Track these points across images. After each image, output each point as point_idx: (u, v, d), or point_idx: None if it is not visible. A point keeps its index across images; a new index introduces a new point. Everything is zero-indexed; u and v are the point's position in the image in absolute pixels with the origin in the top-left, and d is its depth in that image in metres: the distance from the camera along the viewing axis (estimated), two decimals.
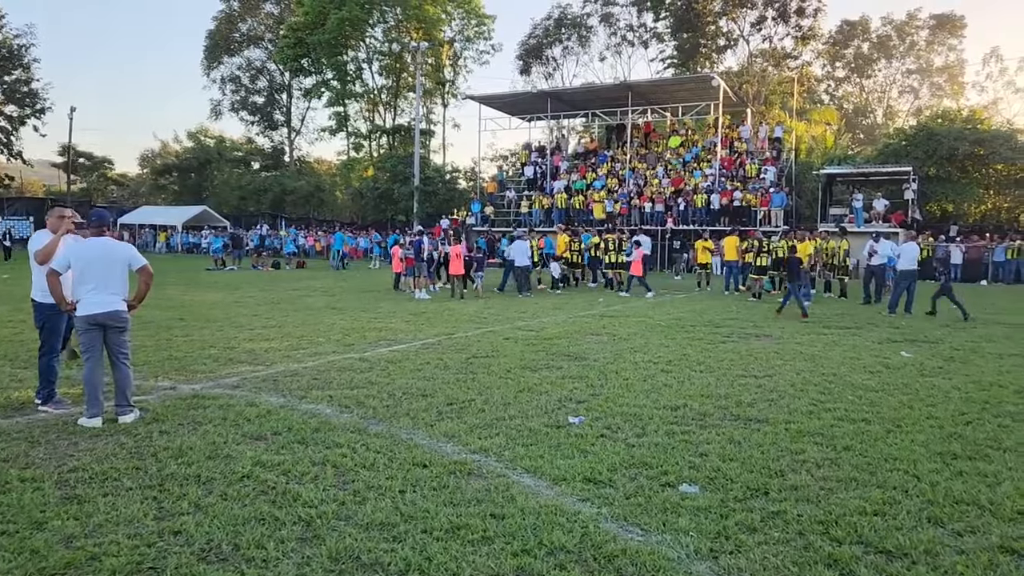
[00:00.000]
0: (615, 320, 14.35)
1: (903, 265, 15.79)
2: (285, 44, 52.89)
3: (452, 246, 20.01)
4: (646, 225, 33.43)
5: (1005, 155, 31.80)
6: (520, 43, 57.17)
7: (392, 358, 9.84)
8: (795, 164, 36.48)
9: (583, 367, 9.30)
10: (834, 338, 12.15)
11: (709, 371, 9.12)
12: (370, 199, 50.13)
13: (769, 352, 10.53)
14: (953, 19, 71.33)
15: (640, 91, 38.21)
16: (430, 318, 14.38)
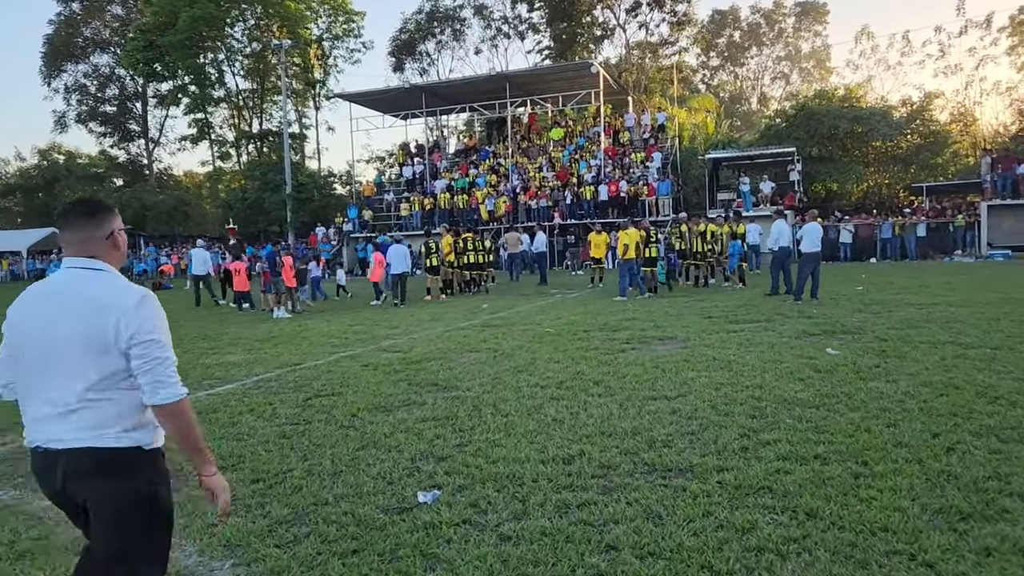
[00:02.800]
0: (498, 330, 12.39)
1: (806, 247, 14.53)
2: (133, 47, 48.49)
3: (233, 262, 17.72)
4: (531, 221, 31.81)
5: (883, 132, 31.85)
6: (391, 39, 54.68)
7: (207, 405, 7.54)
8: (679, 151, 35.67)
9: (452, 401, 7.28)
10: (746, 336, 10.58)
11: (609, 394, 7.26)
12: (239, 210, 46.55)
13: (678, 361, 8.78)
14: (817, 6, 73.76)
15: (518, 82, 36.59)
16: (280, 343, 12.04)
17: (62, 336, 2.50)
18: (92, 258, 2.62)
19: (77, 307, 2.52)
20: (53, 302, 2.57)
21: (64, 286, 2.59)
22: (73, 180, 56.27)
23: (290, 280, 17.32)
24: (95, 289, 2.55)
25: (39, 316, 2.57)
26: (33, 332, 2.56)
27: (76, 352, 2.48)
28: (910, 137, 33.44)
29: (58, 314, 2.53)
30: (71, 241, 2.64)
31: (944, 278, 18.85)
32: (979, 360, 8.08)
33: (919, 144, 33.37)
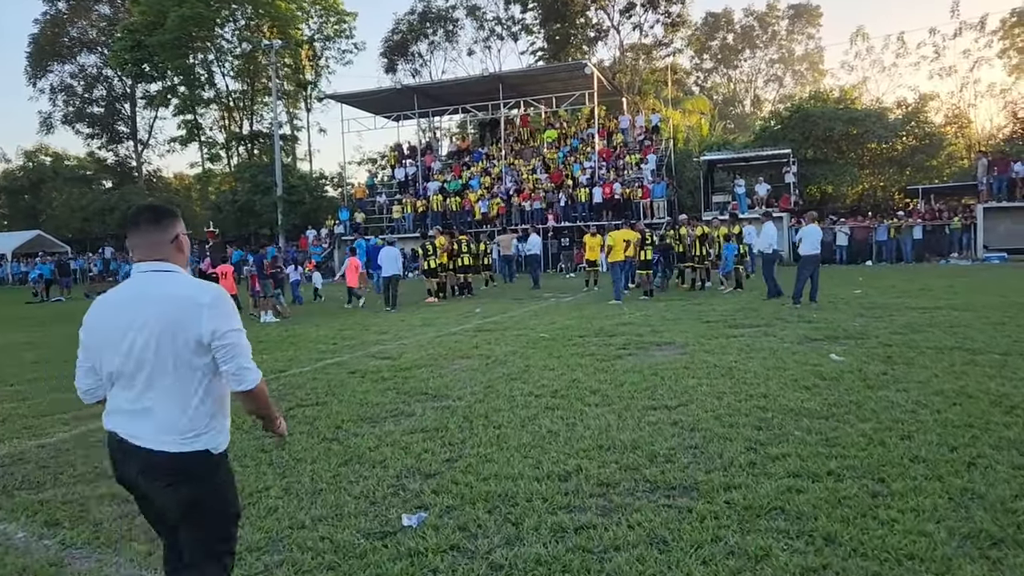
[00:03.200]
0: (491, 335, 12.05)
1: (806, 250, 14.23)
2: (121, 47, 47.90)
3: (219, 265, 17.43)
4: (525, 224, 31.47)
5: (879, 133, 31.61)
6: (383, 40, 54.24)
7: None
8: (674, 153, 35.40)
9: (442, 411, 6.93)
10: (746, 341, 10.26)
11: (607, 403, 6.93)
12: (230, 212, 46.08)
13: (677, 368, 8.45)
14: (810, 9, 73.61)
15: (511, 83, 36.25)
16: (266, 349, 11.66)
17: (145, 336, 2.62)
18: (161, 260, 2.76)
19: (157, 307, 2.64)
20: (133, 304, 2.68)
21: (141, 288, 2.71)
22: (60, 182, 55.63)
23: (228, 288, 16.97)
24: (173, 288, 2.69)
25: (120, 319, 2.67)
26: (115, 334, 2.67)
27: (161, 349, 2.61)
28: (905, 139, 33.22)
29: (139, 315, 2.64)
30: (140, 245, 2.76)
31: (943, 281, 18.60)
32: (989, 367, 7.78)
33: (914, 146, 33.17)
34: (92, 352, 2.79)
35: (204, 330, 2.63)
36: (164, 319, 2.62)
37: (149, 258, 2.75)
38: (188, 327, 2.62)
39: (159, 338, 2.61)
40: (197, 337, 2.63)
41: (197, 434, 2.66)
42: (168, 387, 2.63)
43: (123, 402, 2.70)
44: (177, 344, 2.62)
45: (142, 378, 2.64)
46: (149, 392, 2.64)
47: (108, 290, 2.86)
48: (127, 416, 2.68)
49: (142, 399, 2.65)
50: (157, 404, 2.64)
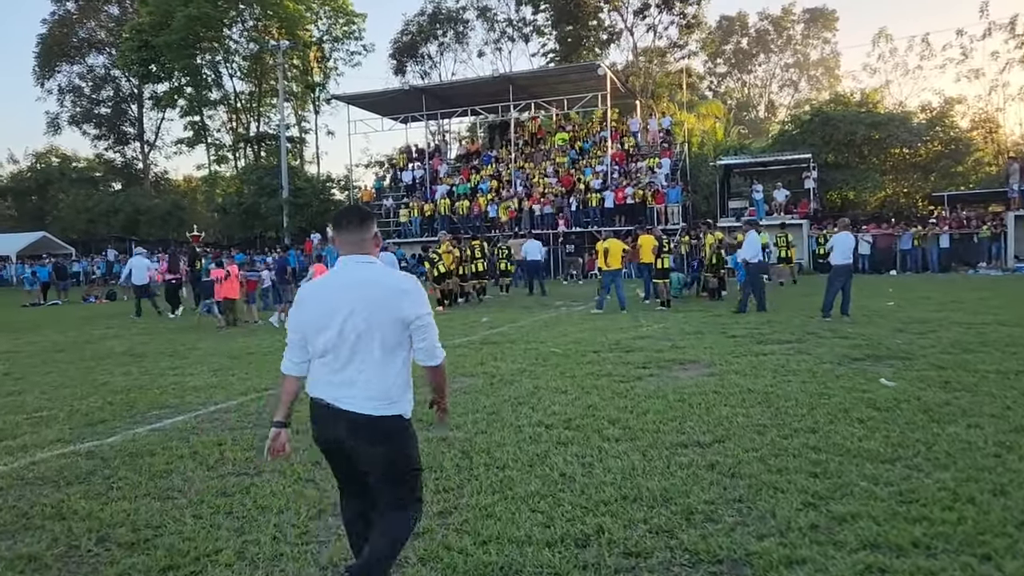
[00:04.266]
0: (497, 349, 11.10)
1: (837, 259, 13.22)
2: (128, 47, 47.25)
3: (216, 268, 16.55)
4: (536, 229, 30.54)
5: (903, 138, 30.54)
6: (392, 41, 53.43)
7: (143, 445, 6.26)
8: (689, 158, 34.41)
9: (438, 444, 5.99)
10: (779, 360, 9.27)
11: (629, 437, 5.97)
12: (235, 215, 45.33)
13: (706, 392, 7.48)
14: (826, 13, 72.49)
15: (522, 84, 35.33)
16: (253, 363, 10.75)
17: (359, 315, 3.02)
18: (365, 254, 3.19)
19: (366, 292, 3.06)
20: (344, 290, 3.10)
21: (350, 276, 3.14)
22: (67, 183, 55.05)
23: (233, 291, 16.13)
24: (377, 277, 3.13)
25: (333, 302, 3.09)
26: (327, 315, 3.07)
27: (370, 327, 3.02)
28: (930, 144, 32.07)
29: (350, 299, 3.05)
30: (349, 241, 3.20)
31: (978, 293, 17.56)
32: None
33: (939, 151, 32.03)
34: (305, 330, 3.17)
35: (406, 313, 3.05)
36: (373, 303, 3.04)
37: (355, 252, 3.19)
38: (392, 310, 3.05)
39: (368, 319, 3.02)
40: (400, 318, 3.05)
41: (392, 401, 3.08)
42: (373, 361, 3.04)
43: (332, 373, 3.10)
44: (383, 324, 3.03)
45: (351, 352, 3.04)
46: (357, 364, 3.05)
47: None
48: (336, 385, 3.09)
49: (350, 370, 3.05)
50: (363, 375, 3.04)
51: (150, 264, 21.27)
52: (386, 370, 3.07)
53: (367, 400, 3.04)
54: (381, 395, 3.06)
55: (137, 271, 19.91)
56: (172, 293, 19.83)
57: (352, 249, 3.20)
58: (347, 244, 3.21)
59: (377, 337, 3.04)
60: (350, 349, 3.05)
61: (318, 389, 3.17)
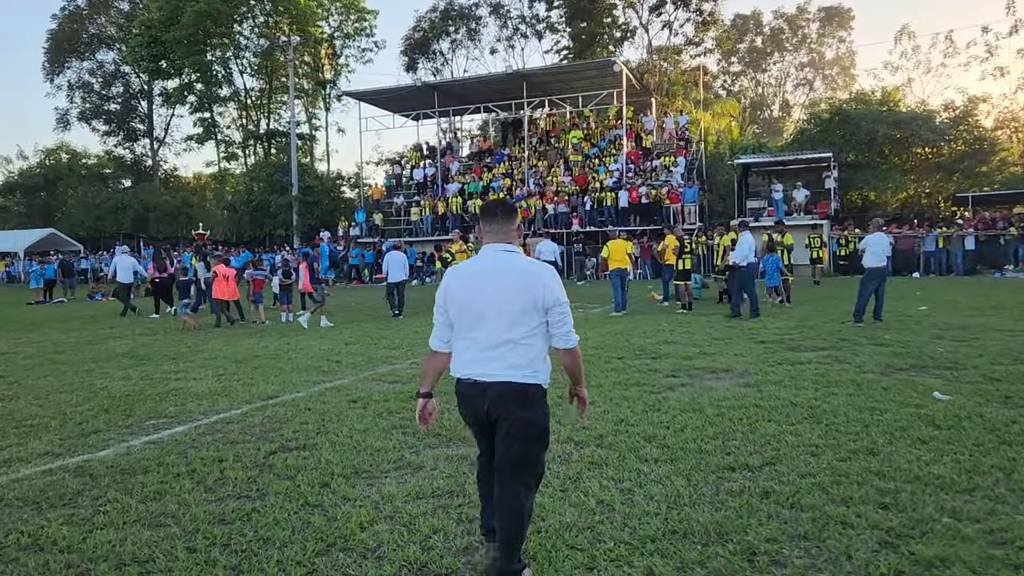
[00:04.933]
0: None
1: (871, 261, 12.62)
2: (137, 43, 46.93)
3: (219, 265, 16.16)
4: (549, 228, 29.99)
5: (926, 137, 29.80)
6: (404, 37, 52.89)
7: (137, 462, 5.74)
8: (704, 157, 33.77)
9: (459, 464, 5.46)
10: (817, 368, 8.70)
11: (669, 458, 5.42)
12: (244, 212, 44.95)
13: (746, 405, 6.92)
14: (841, 11, 71.54)
15: (536, 81, 34.78)
16: (259, 367, 10.24)
17: (502, 298, 3.35)
18: (509, 243, 3.53)
19: (512, 278, 3.39)
20: (491, 276, 3.42)
21: (496, 263, 3.45)
22: (76, 180, 54.78)
23: (223, 292, 15.74)
24: (521, 264, 3.46)
25: (480, 285, 3.42)
26: (475, 296, 3.40)
27: (512, 309, 3.34)
28: (953, 143, 31.31)
29: (497, 284, 3.38)
30: (495, 231, 3.54)
31: (1014, 297, 16.91)
32: None
33: (963, 151, 31.26)
34: (452, 311, 3.46)
35: (546, 297, 3.33)
36: (517, 287, 3.33)
37: (500, 241, 3.49)
38: (534, 294, 3.32)
39: (512, 301, 3.32)
40: (540, 302, 3.32)
41: (535, 371, 3.35)
42: (517, 338, 3.31)
43: (478, 351, 3.36)
44: (526, 306, 3.31)
45: (498, 330, 3.32)
46: (503, 341, 3.31)
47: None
48: (481, 361, 3.34)
49: (497, 347, 3.32)
50: (508, 350, 3.31)
51: (135, 263, 20.88)
52: (528, 346, 3.35)
53: (512, 370, 3.31)
54: (524, 365, 3.33)
55: (122, 270, 19.54)
56: (160, 292, 19.39)
57: (497, 238, 3.52)
58: (493, 233, 3.53)
59: (520, 318, 3.32)
60: (497, 328, 3.33)
61: (465, 369, 3.43)
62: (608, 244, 17.18)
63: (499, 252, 3.48)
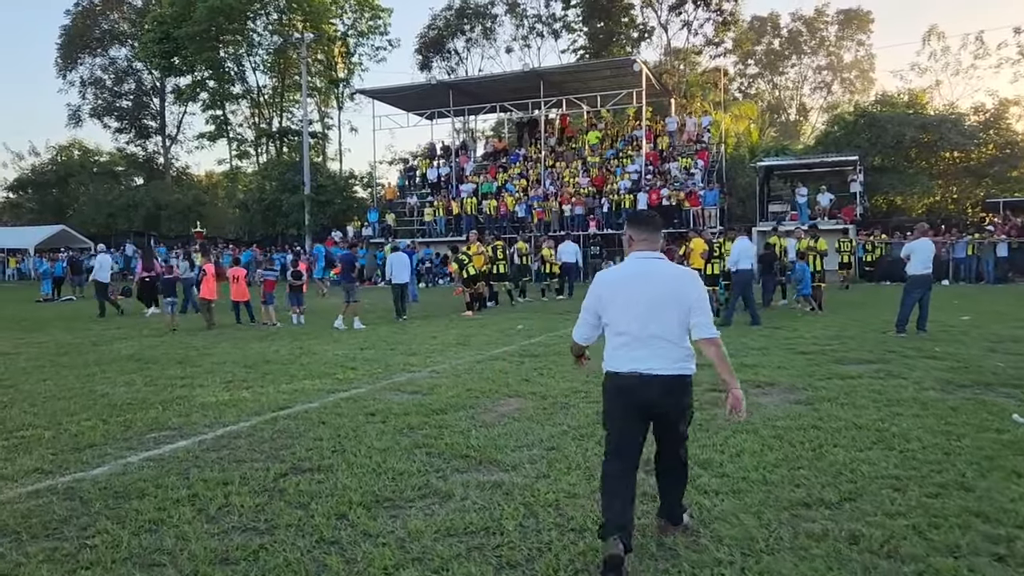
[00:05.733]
0: (540, 363, 9.93)
1: (916, 268, 11.92)
2: (150, 39, 46.56)
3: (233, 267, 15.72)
4: (566, 230, 29.37)
5: (954, 140, 28.97)
6: (419, 35, 52.34)
7: (133, 483, 5.16)
8: (724, 159, 33.05)
9: (492, 493, 4.86)
10: (871, 384, 8.04)
11: (732, 490, 4.80)
12: (256, 211, 44.47)
13: (805, 427, 6.27)
14: (860, 14, 70.51)
15: (553, 80, 34.12)
16: (270, 373, 9.65)
17: (658, 300, 3.79)
18: (656, 251, 3.97)
19: (665, 281, 3.84)
20: (643, 280, 3.85)
21: (647, 269, 3.88)
22: (87, 177, 54.47)
23: (211, 291, 15.23)
24: (669, 269, 3.92)
25: (634, 290, 3.84)
26: (634, 298, 3.82)
27: (667, 310, 3.78)
28: (983, 147, 30.45)
29: (650, 287, 3.82)
30: (647, 240, 3.95)
31: None
32: None
33: (993, 155, 30.39)
34: (608, 312, 3.93)
35: (692, 297, 3.81)
36: (668, 290, 3.81)
37: (649, 249, 3.94)
38: (683, 295, 3.81)
39: (666, 303, 3.79)
40: (688, 302, 3.79)
41: (687, 363, 3.84)
42: (672, 335, 3.79)
43: (640, 347, 3.80)
44: (679, 307, 3.79)
45: (655, 329, 3.78)
46: (660, 338, 3.78)
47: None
48: (644, 358, 3.79)
49: (656, 343, 3.78)
50: (666, 346, 3.78)
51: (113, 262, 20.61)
52: (680, 342, 3.80)
53: (672, 364, 3.76)
54: (680, 359, 3.79)
55: (101, 269, 19.22)
56: (148, 291, 18.98)
57: (647, 246, 3.93)
58: (645, 241, 3.93)
59: (674, 317, 3.77)
60: (655, 327, 3.76)
61: (628, 364, 3.81)
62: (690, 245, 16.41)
63: (650, 259, 3.91)
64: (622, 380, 3.82)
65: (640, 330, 3.77)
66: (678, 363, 3.78)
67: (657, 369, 3.75)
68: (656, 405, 3.83)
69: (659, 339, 3.75)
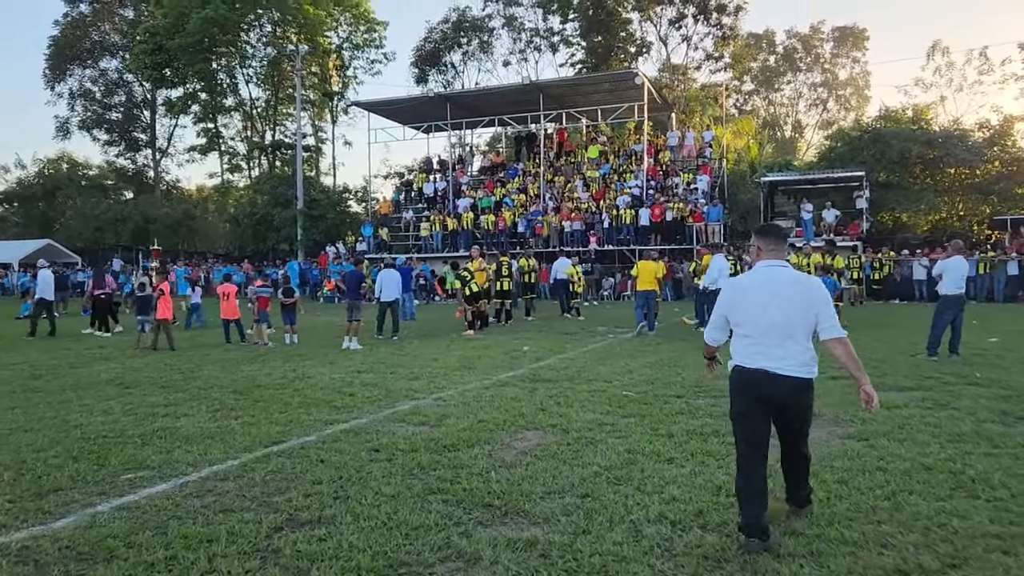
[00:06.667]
0: (554, 389, 9.19)
1: (949, 288, 11.29)
2: (141, 50, 45.84)
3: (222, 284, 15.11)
4: (565, 246, 28.69)
5: (961, 157, 28.47)
6: (415, 48, 51.81)
7: (103, 539, 4.41)
8: (726, 175, 32.51)
9: (527, 555, 4.13)
10: (922, 416, 7.33)
11: (810, 552, 4.08)
12: (247, 226, 43.67)
13: (867, 468, 5.56)
14: (856, 31, 70.49)
15: (552, 93, 33.56)
16: (262, 400, 8.87)
17: (784, 304, 4.09)
18: (782, 259, 4.31)
19: (791, 287, 4.15)
20: (772, 286, 4.16)
21: (775, 276, 4.21)
22: (74, 190, 53.55)
23: (166, 311, 14.44)
24: (796, 276, 4.26)
25: (764, 296, 4.16)
26: (760, 303, 4.16)
27: (793, 314, 4.08)
28: (988, 164, 29.98)
29: (780, 293, 4.12)
30: (773, 249, 4.31)
31: None
32: None
33: (999, 172, 29.91)
34: (734, 315, 4.31)
35: (817, 302, 4.11)
36: (796, 295, 4.11)
37: (776, 258, 4.28)
38: (809, 300, 4.10)
39: (793, 307, 4.08)
40: (813, 306, 4.09)
41: (810, 367, 4.17)
42: (798, 338, 4.10)
43: (768, 348, 4.12)
44: (805, 311, 4.09)
45: (784, 333, 4.09)
46: (788, 341, 4.09)
47: None
48: (774, 358, 4.10)
49: (785, 346, 4.09)
50: (793, 349, 4.09)
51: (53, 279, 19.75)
52: (805, 345, 4.14)
53: (800, 367, 4.12)
54: (805, 362, 4.14)
55: (45, 284, 18.39)
56: (101, 309, 18.29)
57: (774, 255, 4.29)
58: (773, 251, 4.30)
59: (800, 321, 4.10)
60: (784, 330, 4.09)
61: (757, 361, 4.15)
62: (638, 264, 16.94)
63: (776, 268, 4.24)
64: (749, 375, 4.17)
65: (767, 332, 4.11)
66: (803, 366, 4.12)
67: (782, 369, 4.08)
68: (779, 401, 4.17)
69: (785, 340, 4.09)
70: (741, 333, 4.24)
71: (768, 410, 4.18)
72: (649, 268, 16.38)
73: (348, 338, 14.18)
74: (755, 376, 4.12)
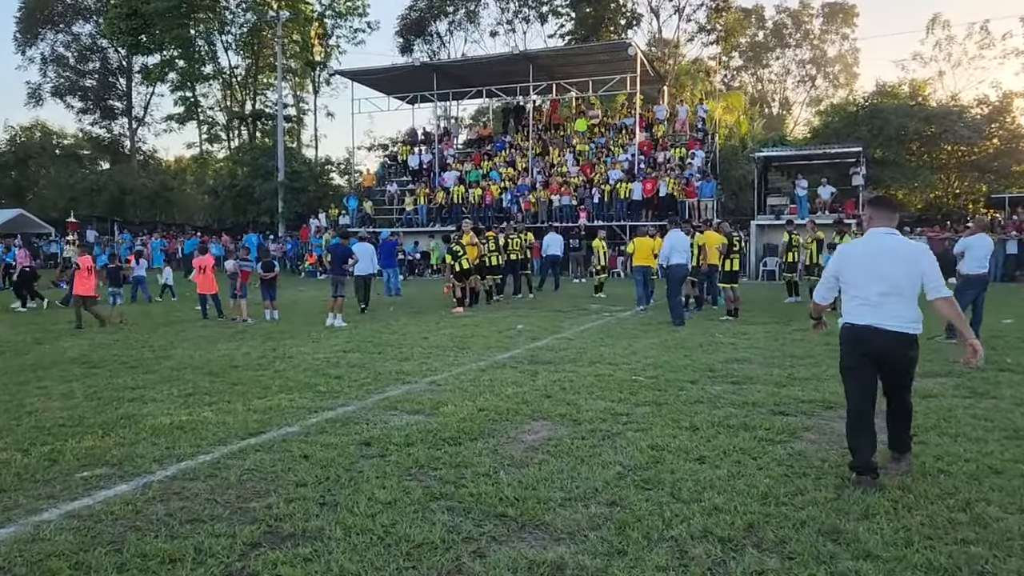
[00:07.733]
0: (557, 373, 8.50)
1: (971, 268, 10.66)
2: (116, 15, 44.21)
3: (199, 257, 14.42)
4: (555, 221, 27.93)
5: (960, 133, 27.89)
6: (400, 17, 50.40)
7: (46, 557, 3.69)
8: (718, 150, 31.81)
9: None
10: (966, 408, 6.74)
11: None
12: (227, 198, 42.53)
13: (929, 470, 4.92)
14: (845, 7, 69.70)
15: (542, 64, 32.55)
16: (239, 383, 8.13)
17: (897, 268, 4.52)
18: (893, 228, 4.70)
19: (899, 252, 4.58)
20: (886, 252, 4.59)
21: (887, 243, 4.63)
22: (48, 159, 51.90)
23: (86, 287, 13.55)
24: (905, 243, 4.69)
25: (874, 257, 4.61)
26: (870, 266, 4.59)
27: (899, 275, 4.50)
28: (987, 141, 29.43)
29: (893, 258, 4.55)
30: (883, 218, 4.73)
31: None
32: None
33: (997, 149, 29.38)
34: (846, 275, 4.73)
35: (924, 265, 4.51)
36: (904, 259, 4.54)
37: (886, 226, 4.69)
38: (917, 263, 4.53)
39: (900, 269, 4.51)
40: (920, 269, 4.50)
41: (917, 324, 4.55)
42: (907, 298, 4.51)
43: (875, 306, 4.53)
44: (913, 274, 4.50)
45: (895, 293, 4.49)
46: (899, 302, 4.49)
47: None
48: (879, 315, 4.52)
49: (895, 305, 4.49)
50: (902, 308, 4.50)
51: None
52: (913, 304, 4.55)
53: (906, 323, 4.52)
54: (914, 320, 4.55)
55: None
56: (24, 283, 17.90)
57: (885, 223, 4.71)
58: (884, 220, 4.73)
59: (908, 283, 4.53)
60: (895, 291, 4.51)
61: (864, 318, 4.58)
62: (634, 240, 16.81)
63: (886, 235, 4.66)
64: (858, 331, 4.58)
65: (876, 291, 4.52)
66: (909, 323, 4.50)
67: (890, 325, 4.48)
68: (886, 355, 4.56)
69: (892, 299, 4.48)
70: (852, 293, 4.64)
71: (873, 363, 4.57)
72: (646, 244, 16.17)
73: (332, 315, 13.44)
74: (864, 332, 4.53)
